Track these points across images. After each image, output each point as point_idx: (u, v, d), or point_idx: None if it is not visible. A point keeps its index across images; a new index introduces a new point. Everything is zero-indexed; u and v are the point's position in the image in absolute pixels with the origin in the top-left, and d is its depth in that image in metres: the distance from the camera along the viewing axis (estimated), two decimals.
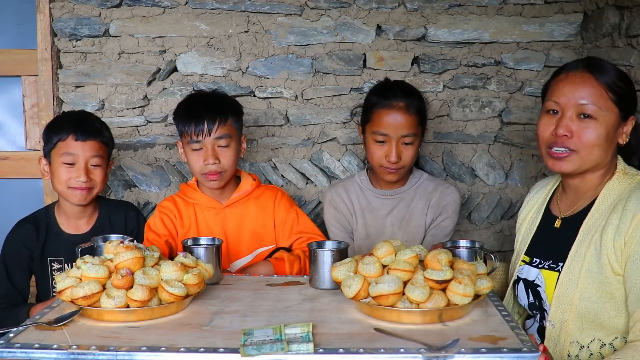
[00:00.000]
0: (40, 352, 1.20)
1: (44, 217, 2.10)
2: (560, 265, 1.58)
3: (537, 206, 1.77)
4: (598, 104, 1.51)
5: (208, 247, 1.68)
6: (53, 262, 2.07)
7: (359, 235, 2.21)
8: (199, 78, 2.55)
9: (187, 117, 1.98)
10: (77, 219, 2.10)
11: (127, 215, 2.16)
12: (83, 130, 1.99)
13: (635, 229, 1.44)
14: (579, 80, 1.54)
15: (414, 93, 2.11)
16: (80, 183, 1.97)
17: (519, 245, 1.77)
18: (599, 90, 1.52)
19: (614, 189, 1.55)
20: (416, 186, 2.18)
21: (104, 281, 1.40)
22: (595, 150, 1.53)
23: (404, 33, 2.51)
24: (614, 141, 1.56)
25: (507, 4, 2.50)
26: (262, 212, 2.09)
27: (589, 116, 1.52)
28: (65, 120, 2.06)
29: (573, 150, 1.54)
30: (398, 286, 1.32)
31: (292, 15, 2.51)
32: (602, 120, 1.52)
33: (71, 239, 2.04)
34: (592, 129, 1.52)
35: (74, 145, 1.98)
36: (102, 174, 2.03)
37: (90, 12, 2.50)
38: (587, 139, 1.52)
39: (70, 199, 2.01)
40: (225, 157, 1.99)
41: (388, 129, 2.03)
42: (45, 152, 2.04)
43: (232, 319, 1.38)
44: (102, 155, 2.04)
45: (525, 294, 1.67)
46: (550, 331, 1.55)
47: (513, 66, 2.54)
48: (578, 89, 1.53)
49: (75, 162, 1.98)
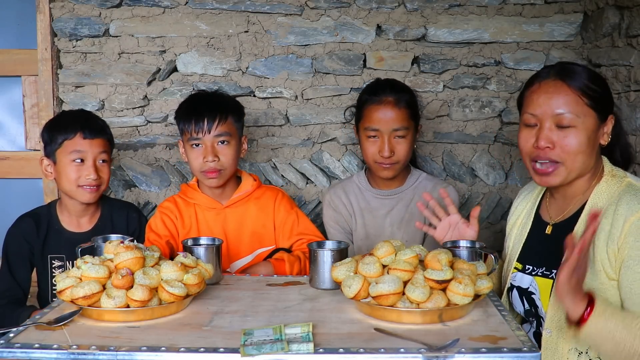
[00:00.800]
0: (40, 352, 1.20)
1: (45, 213, 2.11)
2: (554, 272, 1.56)
3: (527, 211, 1.76)
4: (574, 112, 1.49)
5: (208, 247, 1.68)
6: (54, 260, 2.07)
7: (359, 236, 2.21)
8: (199, 78, 2.55)
9: (188, 115, 2.00)
10: (80, 217, 2.10)
11: (129, 216, 2.17)
12: (90, 128, 2.02)
13: (627, 234, 1.42)
14: (552, 89, 1.52)
15: (404, 88, 2.14)
16: (90, 180, 1.99)
17: (511, 252, 1.75)
18: (573, 97, 1.50)
19: (603, 192, 1.53)
20: (415, 186, 2.18)
21: (104, 281, 1.40)
22: (580, 158, 1.52)
23: (404, 33, 2.51)
24: (596, 144, 1.55)
25: (507, 4, 2.50)
26: (263, 213, 2.09)
27: (567, 125, 1.50)
28: (69, 119, 2.08)
29: (557, 162, 1.52)
30: (398, 286, 1.32)
31: (292, 15, 2.51)
32: (582, 127, 1.50)
33: (73, 237, 2.05)
34: (572, 137, 1.50)
35: (83, 143, 1.99)
36: (109, 171, 2.07)
37: (90, 12, 2.50)
38: (569, 148, 1.50)
39: (80, 197, 2.02)
40: (224, 155, 1.99)
41: (379, 124, 2.05)
42: (48, 152, 2.04)
43: (232, 319, 1.38)
44: (108, 151, 2.07)
45: (520, 301, 1.66)
46: (547, 339, 1.54)
47: (513, 66, 2.54)
48: (553, 98, 1.51)
49: (85, 160, 2.00)
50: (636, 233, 1.42)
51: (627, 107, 2.17)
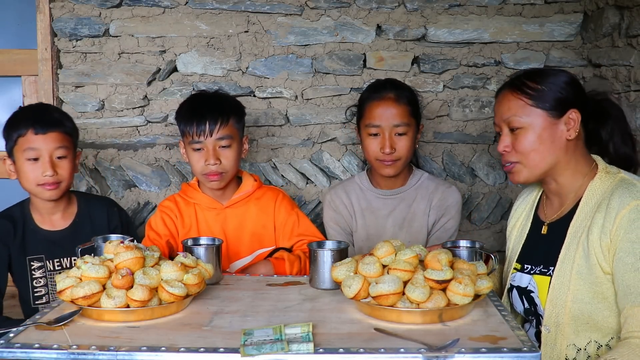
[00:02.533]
0: (40, 352, 1.20)
1: (19, 214, 2.02)
2: (551, 270, 1.58)
3: (525, 213, 1.78)
4: (519, 114, 1.58)
5: (208, 247, 1.68)
6: (33, 261, 2.00)
7: (360, 237, 2.20)
8: (199, 78, 2.55)
9: (189, 118, 1.98)
10: (51, 214, 2.03)
11: (110, 212, 2.11)
12: (42, 123, 1.90)
13: (619, 227, 1.45)
14: (500, 98, 1.64)
15: (404, 86, 2.15)
16: (47, 178, 1.90)
17: (510, 253, 1.78)
18: (516, 102, 1.59)
19: (597, 189, 1.55)
20: (417, 186, 2.18)
21: (104, 281, 1.40)
22: (536, 155, 1.58)
23: (404, 33, 2.51)
24: (556, 140, 1.58)
25: (507, 4, 2.50)
26: (263, 214, 2.09)
27: (516, 128, 1.59)
28: (23, 115, 1.97)
29: (515, 162, 1.62)
30: (398, 286, 1.32)
31: (292, 15, 2.51)
32: (529, 127, 1.57)
33: (50, 236, 2.00)
34: (522, 137, 1.58)
35: (35, 139, 1.89)
36: (69, 166, 1.96)
37: (90, 12, 2.50)
38: (521, 148, 1.59)
39: (41, 196, 1.95)
40: (226, 157, 1.99)
41: (379, 120, 2.05)
42: (8, 150, 1.95)
43: (232, 319, 1.38)
44: (67, 146, 1.95)
45: (520, 300, 1.67)
46: (546, 336, 1.55)
47: (513, 66, 2.54)
48: (499, 107, 1.64)
49: (39, 157, 1.90)
50: (627, 226, 1.44)
51: (627, 107, 2.17)
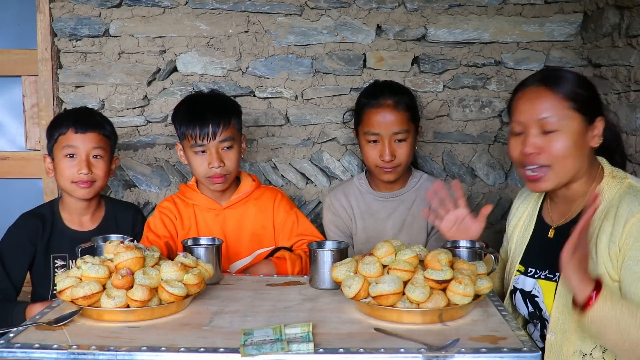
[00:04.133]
0: (40, 352, 1.20)
1: (48, 212, 2.09)
2: (557, 276, 1.56)
3: (528, 213, 1.75)
4: (558, 116, 1.49)
5: (208, 247, 1.68)
6: (57, 259, 2.06)
7: (359, 239, 2.19)
8: (199, 78, 2.55)
9: (190, 120, 1.95)
10: (81, 215, 2.09)
11: (135, 218, 2.17)
12: (82, 123, 2.01)
13: (628, 235, 1.43)
14: (534, 95, 1.53)
15: (403, 90, 2.12)
16: (82, 176, 1.97)
17: (513, 254, 1.74)
18: (556, 101, 1.51)
19: (605, 194, 1.53)
20: (416, 187, 2.17)
21: (104, 281, 1.40)
22: (568, 161, 1.51)
23: (404, 33, 2.51)
24: (585, 147, 1.53)
25: (507, 4, 2.50)
26: (262, 214, 2.08)
27: (552, 130, 1.50)
28: (66, 116, 2.10)
29: (546, 165, 1.52)
30: (398, 286, 1.32)
31: (292, 15, 2.51)
32: (566, 130, 1.50)
33: (76, 236, 2.03)
34: (558, 141, 1.50)
35: (74, 137, 1.99)
36: (104, 167, 2.03)
37: (90, 12, 2.50)
38: (556, 151, 1.50)
39: (74, 193, 2.01)
40: (229, 159, 1.98)
41: (379, 128, 2.03)
42: (48, 149, 2.06)
43: (232, 319, 1.38)
44: (104, 147, 2.04)
45: (524, 304, 1.66)
46: (551, 342, 1.53)
47: (513, 66, 2.54)
48: (535, 104, 1.52)
49: (76, 154, 1.99)
50: (636, 234, 1.42)
51: (627, 107, 2.17)
